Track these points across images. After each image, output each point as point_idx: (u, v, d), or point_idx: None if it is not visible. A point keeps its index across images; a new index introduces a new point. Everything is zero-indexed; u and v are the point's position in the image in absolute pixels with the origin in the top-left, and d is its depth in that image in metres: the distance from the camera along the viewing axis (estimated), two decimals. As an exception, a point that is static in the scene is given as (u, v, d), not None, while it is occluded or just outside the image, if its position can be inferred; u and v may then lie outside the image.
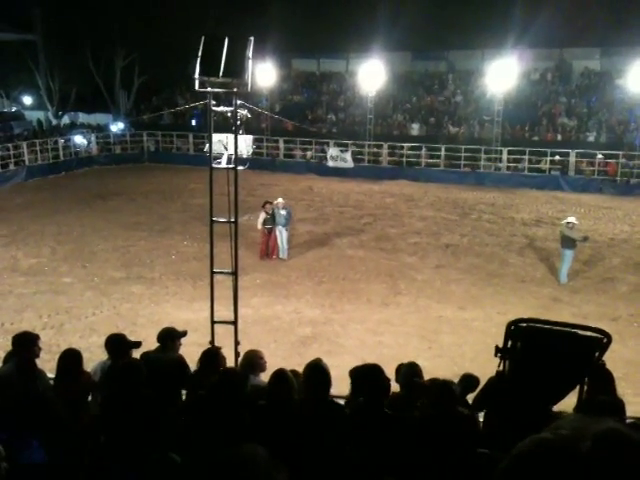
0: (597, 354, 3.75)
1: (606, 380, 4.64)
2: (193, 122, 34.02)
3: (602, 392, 4.44)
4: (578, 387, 4.14)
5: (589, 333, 3.68)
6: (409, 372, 5.14)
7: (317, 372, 4.18)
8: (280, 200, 15.76)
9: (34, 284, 13.68)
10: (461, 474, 3.60)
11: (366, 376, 4.16)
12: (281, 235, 15.51)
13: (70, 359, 5.01)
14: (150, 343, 5.92)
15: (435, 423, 3.77)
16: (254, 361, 5.41)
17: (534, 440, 1.04)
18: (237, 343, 7.17)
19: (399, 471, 3.67)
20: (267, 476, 1.24)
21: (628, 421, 4.48)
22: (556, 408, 4.27)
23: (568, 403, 4.41)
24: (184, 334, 6.03)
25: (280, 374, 4.23)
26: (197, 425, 4.11)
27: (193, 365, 5.57)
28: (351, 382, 4.40)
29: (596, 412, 3.99)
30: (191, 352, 5.90)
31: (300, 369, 5.88)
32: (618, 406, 4.57)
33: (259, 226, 15.36)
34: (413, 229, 19.00)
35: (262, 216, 15.35)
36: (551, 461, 0.98)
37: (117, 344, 5.49)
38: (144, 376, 4.30)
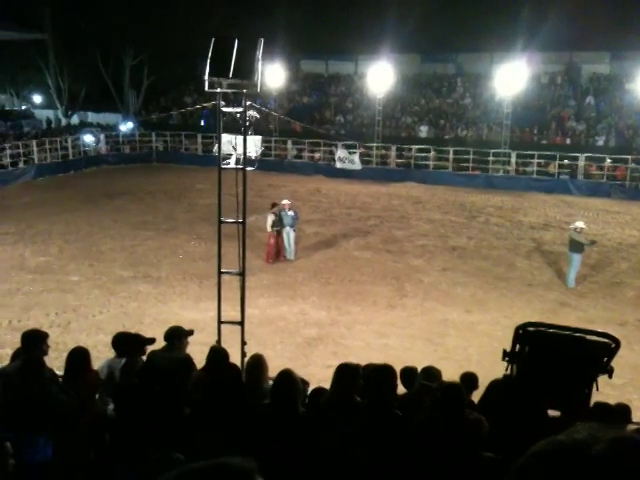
0: (605, 359, 3.73)
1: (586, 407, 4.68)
2: (202, 122, 34.08)
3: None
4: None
5: (597, 338, 3.66)
6: (421, 375, 5.14)
7: (346, 373, 4.19)
8: (286, 201, 15.74)
9: (42, 282, 13.74)
10: (465, 476, 3.59)
11: (379, 376, 4.15)
12: (288, 236, 15.50)
13: (78, 357, 5.03)
14: (157, 342, 5.93)
15: (439, 425, 3.76)
16: (263, 365, 5.31)
17: (549, 441, 1.04)
18: (243, 343, 7.19)
19: (403, 472, 3.67)
20: None
21: (634, 427, 4.46)
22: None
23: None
24: (191, 333, 6.04)
25: (285, 374, 4.22)
26: (200, 424, 4.12)
27: (199, 365, 5.57)
28: (363, 381, 4.39)
29: (610, 419, 3.98)
30: (197, 351, 5.91)
31: (305, 370, 5.91)
32: (629, 413, 4.56)
33: (268, 229, 15.27)
34: (420, 231, 18.97)
35: (270, 218, 15.25)
36: (563, 463, 0.98)
37: (131, 342, 5.51)
38: (158, 375, 4.32)
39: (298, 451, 3.76)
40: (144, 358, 5.48)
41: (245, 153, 6.85)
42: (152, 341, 5.64)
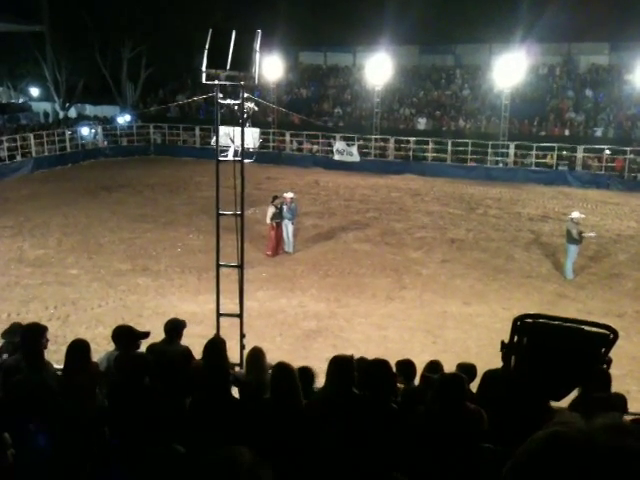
0: (603, 350, 3.73)
1: (604, 381, 4.68)
2: (201, 115, 33.98)
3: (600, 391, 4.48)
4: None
5: (595, 329, 3.67)
6: (426, 368, 5.15)
7: (341, 366, 4.18)
8: (290, 195, 15.65)
9: (40, 275, 13.74)
10: (465, 469, 3.60)
11: (374, 370, 4.15)
12: (287, 229, 15.49)
13: (78, 350, 5.02)
14: (155, 334, 5.93)
15: (439, 418, 3.76)
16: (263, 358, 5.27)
17: (550, 435, 1.01)
18: (242, 336, 7.21)
19: (404, 466, 3.67)
20: (251, 476, 1.26)
21: (631, 417, 4.48)
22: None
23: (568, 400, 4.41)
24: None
25: (281, 367, 4.19)
26: (199, 417, 4.13)
27: (198, 357, 5.58)
28: (358, 375, 4.40)
29: (595, 409, 3.99)
30: (196, 344, 5.92)
31: (305, 363, 5.90)
32: (615, 402, 4.58)
33: (268, 221, 15.25)
34: (419, 224, 18.97)
35: (271, 210, 15.22)
36: (575, 456, 0.96)
37: (125, 335, 5.50)
38: (151, 368, 4.31)
39: (298, 446, 3.76)
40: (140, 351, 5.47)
41: (243, 145, 6.84)
42: (146, 335, 5.62)
